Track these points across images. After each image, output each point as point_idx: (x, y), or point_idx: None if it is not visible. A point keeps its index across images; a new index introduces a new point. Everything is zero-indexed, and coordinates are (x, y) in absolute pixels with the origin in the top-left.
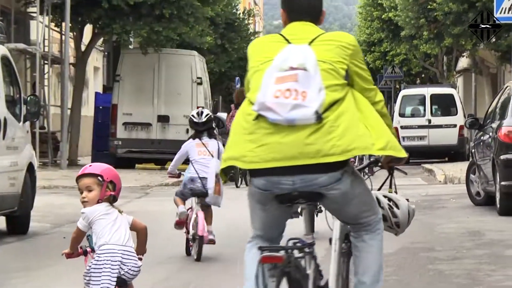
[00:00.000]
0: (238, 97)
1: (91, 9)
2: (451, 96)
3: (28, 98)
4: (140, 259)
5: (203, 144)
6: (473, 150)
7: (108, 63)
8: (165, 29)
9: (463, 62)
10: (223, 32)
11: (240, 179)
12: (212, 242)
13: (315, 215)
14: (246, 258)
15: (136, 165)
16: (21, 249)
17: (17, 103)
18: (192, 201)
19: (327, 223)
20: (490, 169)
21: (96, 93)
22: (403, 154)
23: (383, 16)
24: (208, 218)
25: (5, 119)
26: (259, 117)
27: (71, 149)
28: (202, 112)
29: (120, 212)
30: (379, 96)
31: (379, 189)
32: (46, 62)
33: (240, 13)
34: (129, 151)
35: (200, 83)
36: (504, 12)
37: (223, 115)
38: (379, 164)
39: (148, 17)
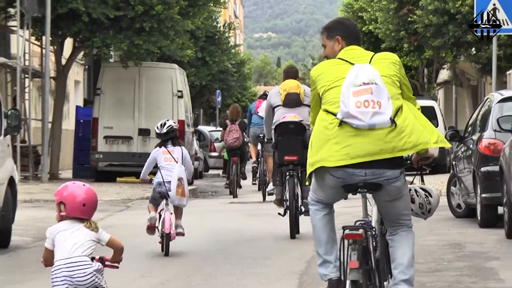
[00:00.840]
0: (232, 113)
1: (71, 23)
2: (431, 109)
3: (9, 112)
4: (116, 267)
5: (169, 151)
6: (453, 163)
7: (88, 77)
8: (146, 43)
9: (444, 74)
10: (204, 45)
11: (235, 190)
12: (181, 234)
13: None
14: (315, 223)
15: (117, 179)
16: (2, 263)
17: None
18: (163, 203)
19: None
20: (471, 181)
21: (77, 107)
22: (448, 145)
23: (363, 29)
24: (178, 215)
25: None
26: (342, 123)
27: (52, 163)
28: (164, 124)
29: (94, 228)
30: (418, 104)
31: (411, 183)
32: (26, 75)
33: (220, 26)
34: (110, 165)
35: (181, 96)
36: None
37: (204, 128)
38: (408, 162)
39: (128, 31)
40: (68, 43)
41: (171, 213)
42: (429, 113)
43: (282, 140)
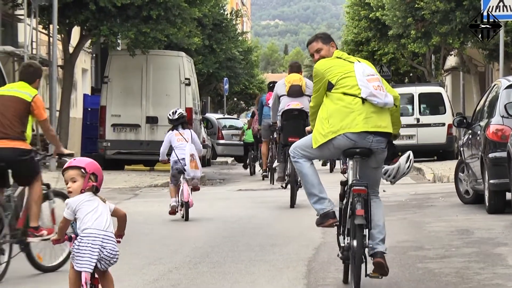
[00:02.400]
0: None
1: (78, 11)
2: (439, 95)
3: None
4: (119, 241)
5: (180, 133)
6: (461, 149)
7: (96, 65)
8: (153, 31)
9: (451, 60)
10: (211, 33)
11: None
12: (196, 188)
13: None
14: (306, 171)
15: (125, 167)
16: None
17: None
18: (181, 178)
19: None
20: (479, 167)
21: (85, 95)
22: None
23: (370, 15)
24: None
25: None
26: (364, 101)
27: None
28: (176, 111)
29: (103, 200)
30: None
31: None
32: None
33: (227, 14)
34: (118, 153)
35: (188, 84)
36: (492, 11)
37: (212, 116)
38: None
39: (135, 19)
40: (75, 32)
41: (189, 186)
42: (436, 99)
43: (287, 124)
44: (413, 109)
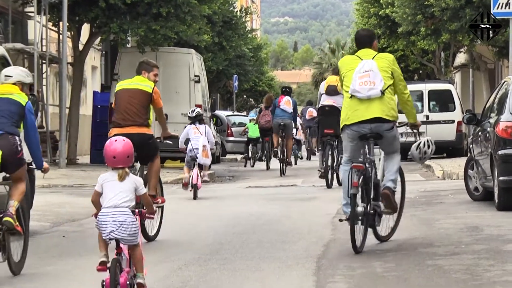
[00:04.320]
0: (267, 101)
1: (88, 9)
2: (448, 92)
3: None
4: (151, 217)
5: (196, 127)
6: (471, 146)
7: (106, 62)
8: (162, 28)
9: (461, 57)
10: (220, 30)
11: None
12: (206, 181)
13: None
14: (343, 175)
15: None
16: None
17: None
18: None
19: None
20: (488, 164)
21: (94, 92)
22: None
23: (380, 13)
24: (205, 170)
25: None
26: (352, 97)
27: (69, 148)
28: (194, 110)
29: (124, 176)
30: (407, 89)
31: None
32: (44, 61)
33: (237, 11)
34: None
35: (198, 81)
36: (501, 8)
37: (221, 113)
38: (405, 124)
39: (145, 16)
40: (85, 29)
41: (200, 171)
42: (446, 96)
43: (322, 119)
44: (422, 106)
